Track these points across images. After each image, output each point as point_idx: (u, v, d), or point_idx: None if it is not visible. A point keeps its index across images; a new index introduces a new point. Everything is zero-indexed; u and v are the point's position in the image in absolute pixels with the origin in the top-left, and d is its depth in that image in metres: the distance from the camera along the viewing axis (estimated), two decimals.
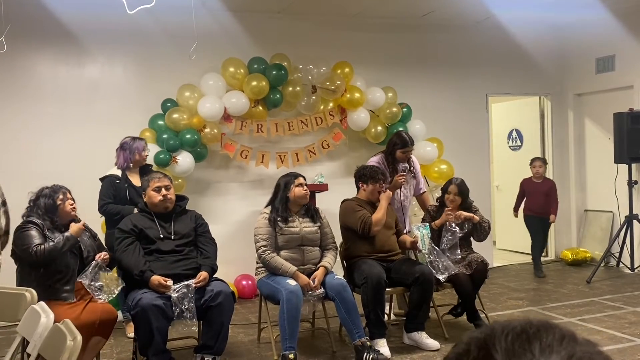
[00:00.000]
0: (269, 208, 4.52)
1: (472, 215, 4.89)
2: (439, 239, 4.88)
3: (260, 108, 6.13)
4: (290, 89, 6.13)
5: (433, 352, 4.44)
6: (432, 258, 4.67)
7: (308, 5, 6.33)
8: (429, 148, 6.57)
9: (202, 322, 4.08)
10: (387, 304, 4.85)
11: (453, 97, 7.23)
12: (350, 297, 4.32)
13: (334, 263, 4.56)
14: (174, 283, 3.91)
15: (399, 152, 5.12)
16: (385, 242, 4.72)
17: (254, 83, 5.93)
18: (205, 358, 3.99)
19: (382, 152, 5.30)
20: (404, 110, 6.63)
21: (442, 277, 4.62)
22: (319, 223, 4.58)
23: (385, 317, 4.74)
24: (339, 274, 4.60)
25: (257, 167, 6.31)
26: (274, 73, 6.01)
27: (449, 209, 4.92)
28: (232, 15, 6.27)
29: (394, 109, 6.52)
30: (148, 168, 5.04)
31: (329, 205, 5.46)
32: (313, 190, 5.35)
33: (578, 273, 7.01)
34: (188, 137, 5.73)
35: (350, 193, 4.95)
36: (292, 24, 6.53)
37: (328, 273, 4.45)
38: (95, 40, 5.90)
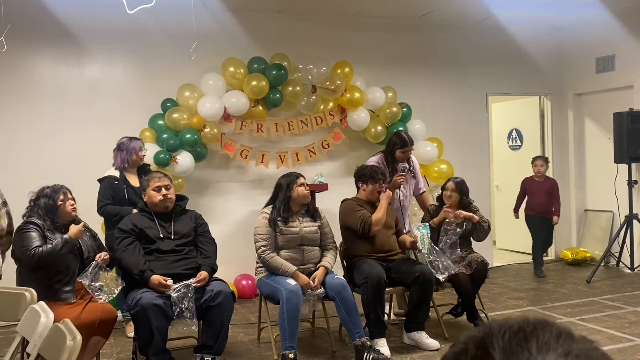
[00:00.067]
0: (269, 208, 4.52)
1: (471, 215, 4.89)
2: (439, 237, 4.89)
3: (260, 108, 6.13)
4: (290, 89, 6.13)
5: (433, 351, 4.44)
6: (431, 258, 4.67)
7: (308, 5, 6.33)
8: (429, 148, 6.57)
9: (202, 322, 4.08)
10: (387, 304, 4.85)
11: (453, 96, 7.23)
12: (350, 297, 4.32)
13: (334, 263, 4.56)
14: (174, 283, 3.91)
15: (399, 151, 5.12)
16: (385, 241, 4.72)
17: (254, 83, 5.93)
18: (205, 358, 3.99)
19: (381, 151, 5.30)
20: (404, 110, 6.63)
21: (441, 277, 4.62)
22: (319, 222, 4.58)
23: (385, 316, 4.74)
24: (339, 274, 4.60)
25: (257, 166, 6.31)
26: (274, 73, 6.01)
27: (447, 206, 4.93)
28: (232, 15, 6.27)
29: (394, 109, 6.51)
30: (146, 168, 5.03)
31: (329, 205, 5.47)
32: (313, 190, 5.34)
33: (578, 273, 7.01)
34: (188, 136, 5.73)
35: (350, 193, 4.95)
36: (292, 24, 6.53)
37: (328, 273, 4.45)
38: (95, 40, 5.90)
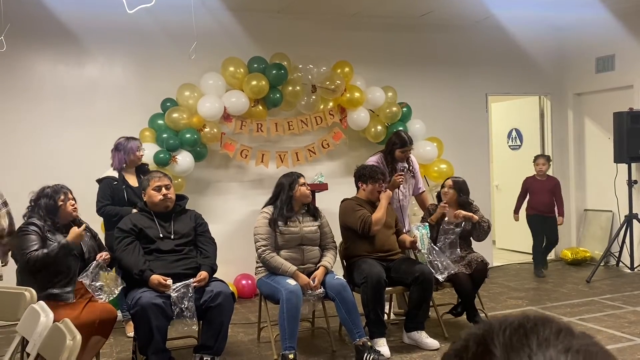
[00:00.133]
0: (270, 208, 4.51)
1: (471, 215, 4.89)
2: (437, 236, 4.89)
3: (260, 107, 6.13)
4: (290, 89, 6.13)
5: (433, 351, 4.44)
6: (431, 258, 4.67)
7: (308, 5, 6.33)
8: (429, 147, 6.57)
9: (201, 322, 4.08)
10: (386, 304, 4.85)
11: (453, 96, 7.23)
12: (351, 297, 4.32)
13: (334, 262, 4.56)
14: (174, 282, 3.90)
15: (398, 151, 5.12)
16: (385, 241, 4.72)
17: (254, 82, 5.93)
18: (205, 358, 3.99)
19: (381, 151, 5.30)
20: (404, 110, 6.63)
21: (441, 276, 4.62)
22: (319, 222, 4.58)
23: (385, 316, 4.74)
24: (339, 274, 4.60)
25: (257, 166, 6.30)
26: (274, 72, 6.01)
27: (444, 202, 4.93)
28: (231, 15, 6.27)
29: (394, 109, 6.51)
30: (144, 168, 5.03)
31: (329, 205, 5.47)
32: (313, 190, 5.33)
33: (578, 272, 7.01)
34: (188, 136, 5.73)
35: (350, 192, 4.95)
36: (292, 24, 6.53)
37: (328, 273, 4.45)
38: (95, 40, 5.90)
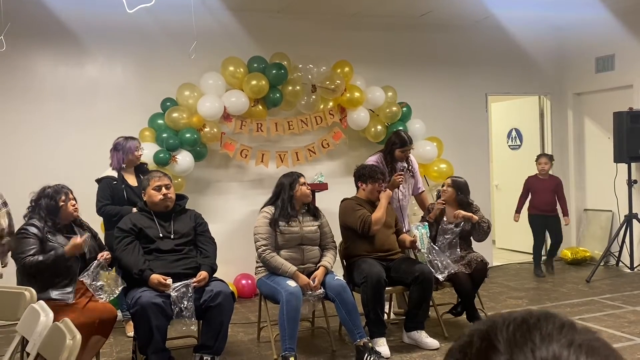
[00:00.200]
0: (270, 207, 4.51)
1: (471, 215, 4.89)
2: (437, 235, 4.89)
3: (260, 107, 6.13)
4: (290, 88, 6.13)
5: (433, 351, 4.44)
6: (431, 257, 4.67)
7: (308, 5, 6.33)
8: (429, 147, 6.57)
9: (201, 321, 4.08)
10: (386, 303, 4.86)
11: (453, 96, 7.23)
12: (350, 298, 4.31)
13: (334, 262, 4.56)
14: (174, 282, 3.90)
15: (398, 151, 5.12)
16: (385, 241, 4.72)
17: (254, 82, 5.93)
18: (205, 357, 3.99)
19: (380, 151, 5.30)
20: (404, 110, 6.63)
21: (441, 276, 4.62)
22: (320, 221, 4.58)
23: (385, 316, 4.74)
24: (339, 274, 4.60)
25: (256, 166, 6.30)
26: (274, 72, 6.01)
27: (442, 200, 4.94)
28: (231, 15, 6.27)
29: (394, 108, 6.52)
30: (143, 167, 5.03)
31: (329, 205, 5.47)
32: (313, 190, 5.34)
33: (577, 272, 7.02)
34: (188, 136, 5.73)
35: (350, 192, 4.95)
36: (291, 23, 6.53)
37: (328, 273, 4.45)
38: (95, 39, 5.90)
